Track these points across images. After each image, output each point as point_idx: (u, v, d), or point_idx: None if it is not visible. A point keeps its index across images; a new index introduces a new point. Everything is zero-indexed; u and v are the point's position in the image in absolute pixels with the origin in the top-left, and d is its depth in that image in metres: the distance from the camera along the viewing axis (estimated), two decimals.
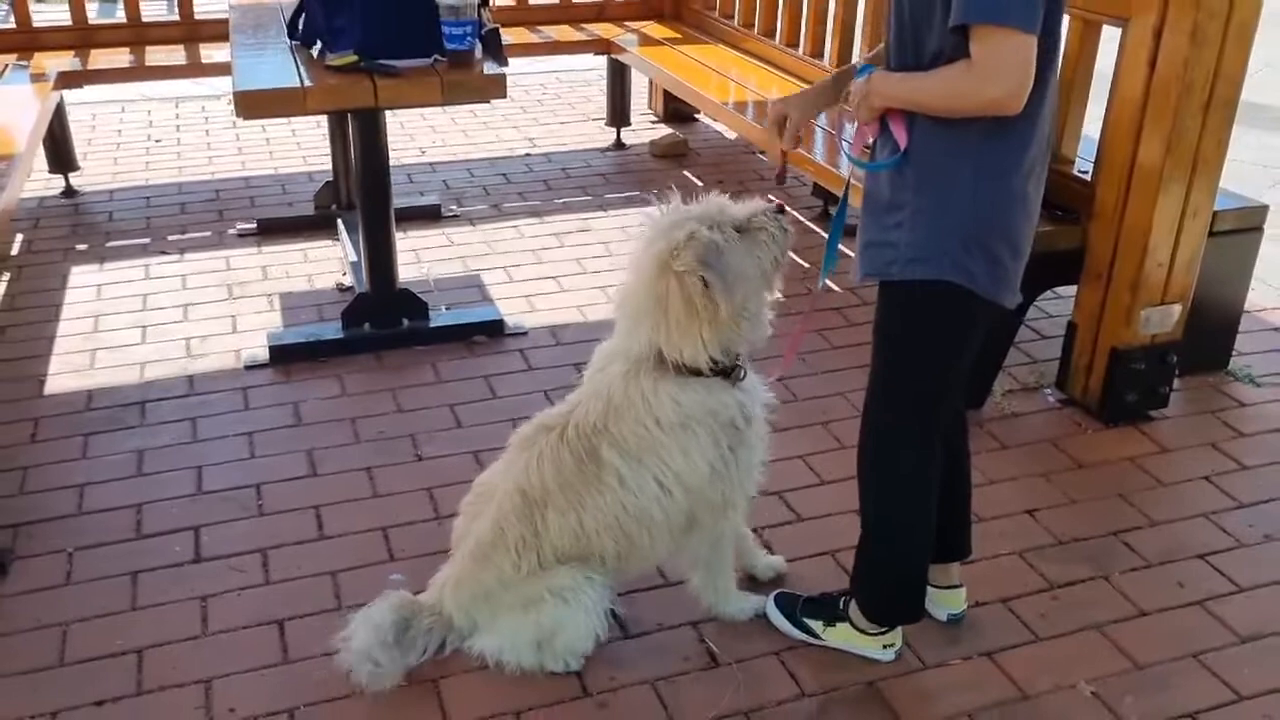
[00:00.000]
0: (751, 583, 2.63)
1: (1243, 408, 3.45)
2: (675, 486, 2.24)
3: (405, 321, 3.73)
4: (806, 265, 4.30)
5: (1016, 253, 2.07)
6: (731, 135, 5.85)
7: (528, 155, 5.62)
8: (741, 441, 2.27)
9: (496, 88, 3.26)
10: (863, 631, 2.40)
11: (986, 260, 2.02)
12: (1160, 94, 2.96)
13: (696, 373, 2.18)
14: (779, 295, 2.28)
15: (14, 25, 5.18)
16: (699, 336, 2.13)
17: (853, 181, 2.31)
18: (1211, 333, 3.55)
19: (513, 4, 5.82)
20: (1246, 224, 3.43)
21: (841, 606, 2.42)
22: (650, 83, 6.23)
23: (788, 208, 2.24)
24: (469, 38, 3.24)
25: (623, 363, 2.23)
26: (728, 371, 2.22)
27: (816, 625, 2.44)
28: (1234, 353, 3.68)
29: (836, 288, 4.09)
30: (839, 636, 2.42)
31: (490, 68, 3.33)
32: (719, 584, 2.48)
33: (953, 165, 1.98)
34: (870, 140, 2.16)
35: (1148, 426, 3.33)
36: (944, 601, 2.51)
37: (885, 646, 2.40)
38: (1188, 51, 2.86)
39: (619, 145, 5.75)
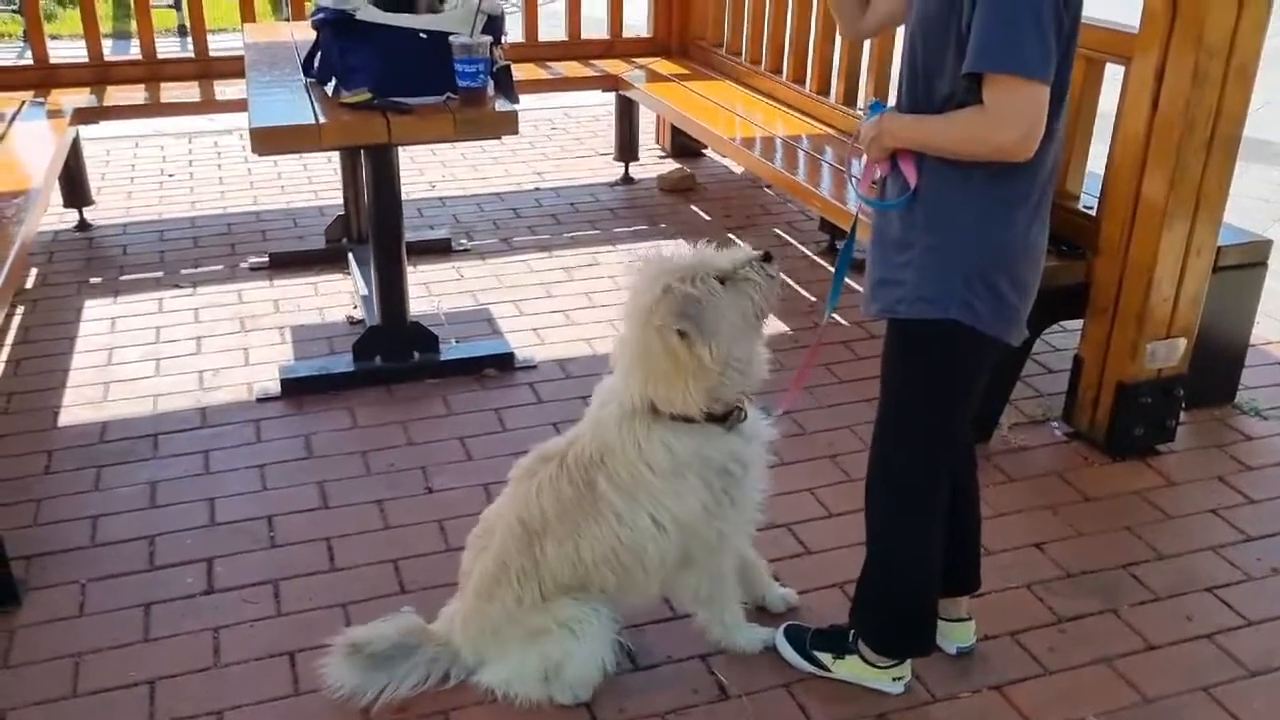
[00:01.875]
0: (763, 615, 2.64)
1: (1249, 441, 3.46)
2: (670, 524, 2.25)
3: (416, 355, 3.76)
4: (813, 299, 4.35)
5: (1022, 292, 2.10)
6: (739, 170, 5.91)
7: (537, 190, 5.68)
8: (736, 484, 2.28)
9: (508, 124, 3.31)
10: (871, 664, 2.40)
11: (993, 299, 2.05)
12: (1163, 132, 2.99)
13: (690, 419, 2.19)
14: (787, 330, 2.29)
15: (31, 62, 5.27)
16: (685, 388, 2.14)
17: (860, 218, 2.34)
18: (1218, 367, 3.57)
19: (523, 41, 5.89)
20: (1251, 259, 3.46)
21: (851, 639, 2.43)
22: (658, 118, 6.30)
23: (774, 255, 2.24)
24: (481, 75, 3.29)
25: (618, 405, 2.25)
26: (723, 417, 2.23)
27: (826, 658, 2.45)
28: (1241, 386, 3.70)
29: (844, 321, 4.12)
30: (848, 669, 2.43)
31: (502, 104, 3.38)
32: (725, 618, 2.48)
33: (960, 206, 2.02)
34: (879, 177, 2.19)
35: (1155, 460, 3.34)
36: (953, 635, 2.52)
37: (895, 679, 2.41)
38: (1189, 91, 2.90)
39: (627, 180, 5.81)
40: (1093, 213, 3.32)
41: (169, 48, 7.38)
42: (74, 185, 5.03)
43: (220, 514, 3.01)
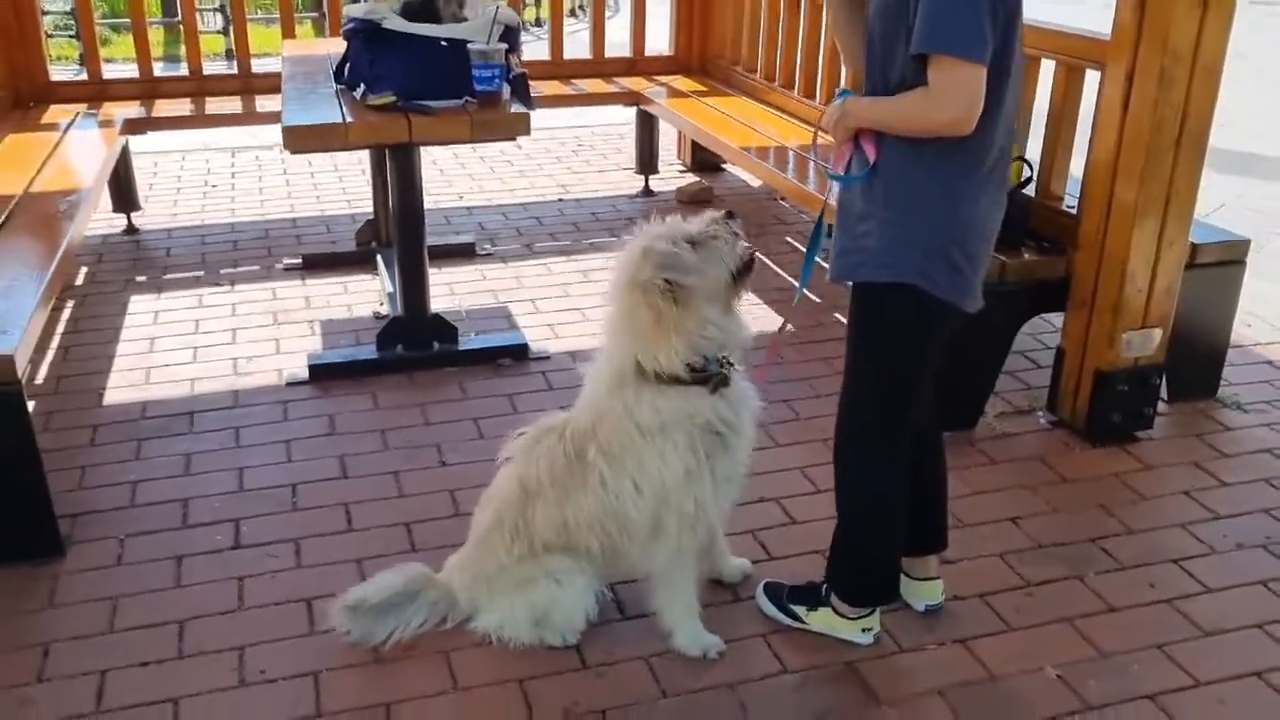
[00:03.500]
0: (720, 587, 2.79)
1: (1228, 431, 3.60)
2: (647, 489, 2.41)
3: (436, 345, 3.99)
4: (819, 300, 4.54)
5: (973, 263, 2.29)
6: (756, 183, 6.12)
7: (560, 201, 5.92)
8: (722, 448, 2.43)
9: (521, 125, 3.55)
10: (843, 616, 2.58)
11: (946, 267, 2.24)
12: (1133, 132, 3.17)
13: (676, 380, 2.37)
14: (792, 328, 2.44)
15: (86, 78, 5.61)
16: (668, 343, 2.31)
17: (829, 202, 2.54)
18: (1200, 361, 3.72)
19: (549, 59, 6.16)
20: (1229, 257, 3.61)
21: (823, 593, 2.61)
22: (679, 134, 6.53)
23: (736, 213, 2.42)
24: (497, 80, 3.54)
25: (608, 377, 2.44)
26: (706, 379, 2.40)
27: (801, 610, 2.63)
28: (1224, 382, 3.84)
29: (842, 319, 4.30)
30: (820, 620, 2.61)
31: (516, 108, 3.62)
32: (678, 604, 2.54)
33: (915, 181, 2.21)
34: (847, 159, 2.39)
35: (1134, 446, 3.49)
36: (921, 593, 2.69)
37: (864, 630, 2.58)
38: (1156, 92, 3.08)
39: (647, 192, 6.04)
40: (1074, 211, 3.49)
41: (215, 69, 7.73)
42: (123, 192, 5.34)
43: (248, 481, 3.25)
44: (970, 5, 2.01)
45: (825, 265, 2.48)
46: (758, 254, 2.47)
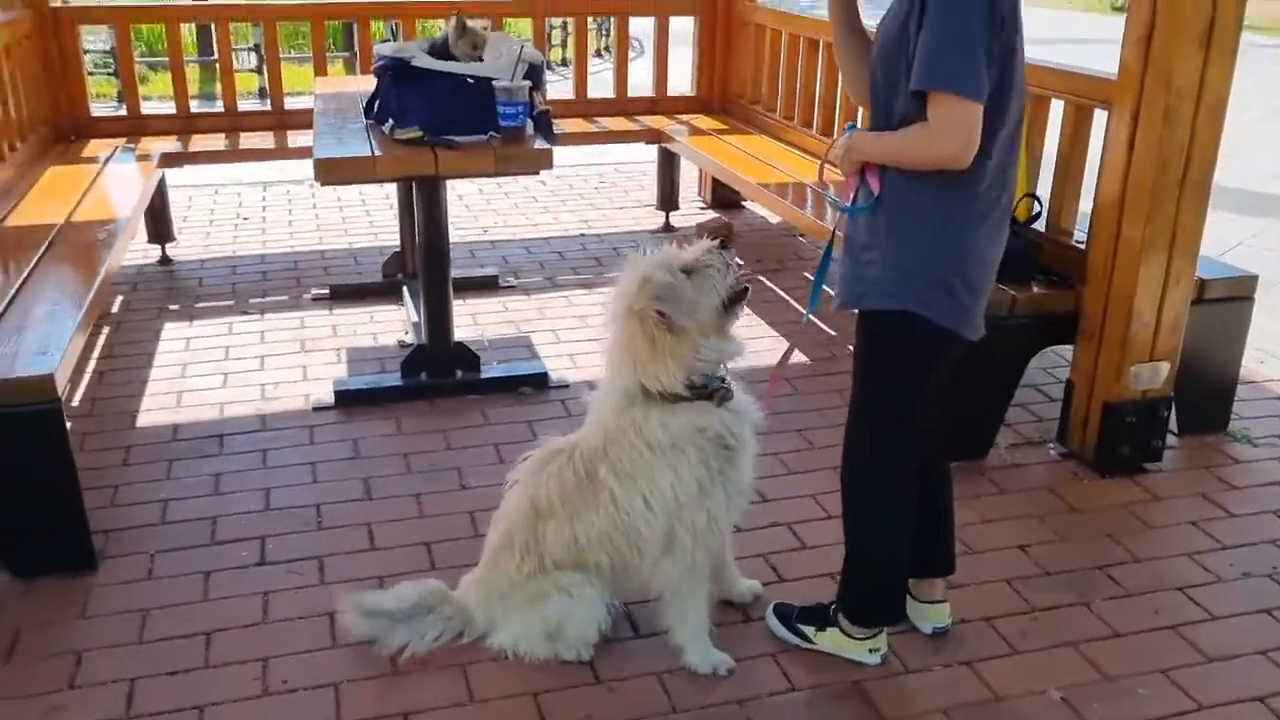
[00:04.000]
0: (731, 607, 2.85)
1: (1237, 464, 3.65)
2: (659, 504, 2.49)
3: (459, 372, 4.10)
4: (834, 334, 4.62)
5: (973, 293, 2.36)
6: (774, 220, 6.22)
7: (582, 236, 6.04)
8: (730, 462, 2.52)
9: (544, 160, 3.67)
10: (850, 637, 2.64)
11: (946, 295, 2.32)
12: (1139, 170, 3.25)
13: (680, 398, 2.46)
14: (807, 360, 2.50)
15: (125, 113, 5.79)
16: (665, 366, 2.41)
17: (837, 233, 2.63)
18: (1210, 395, 3.77)
19: (573, 98, 6.31)
20: (1237, 292, 3.68)
21: (832, 613, 2.68)
22: (700, 172, 6.66)
23: (729, 243, 2.52)
24: (521, 116, 3.66)
25: (613, 399, 2.53)
26: (709, 394, 2.49)
27: (809, 630, 2.69)
28: (1235, 416, 3.89)
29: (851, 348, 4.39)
30: (828, 641, 2.67)
31: (539, 143, 3.74)
32: (689, 621, 2.60)
33: (915, 211, 2.30)
34: (854, 192, 2.49)
35: (1142, 478, 3.54)
36: (929, 615, 2.75)
37: (871, 650, 2.64)
38: (1161, 131, 3.16)
39: (668, 228, 6.16)
40: (1083, 246, 3.57)
41: (248, 106, 7.93)
42: (158, 224, 5.50)
43: (274, 501, 3.35)
44: (967, 45, 2.10)
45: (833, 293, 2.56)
46: (773, 286, 2.56)
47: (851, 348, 2.53)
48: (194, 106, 5.97)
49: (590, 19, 7.20)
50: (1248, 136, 9.65)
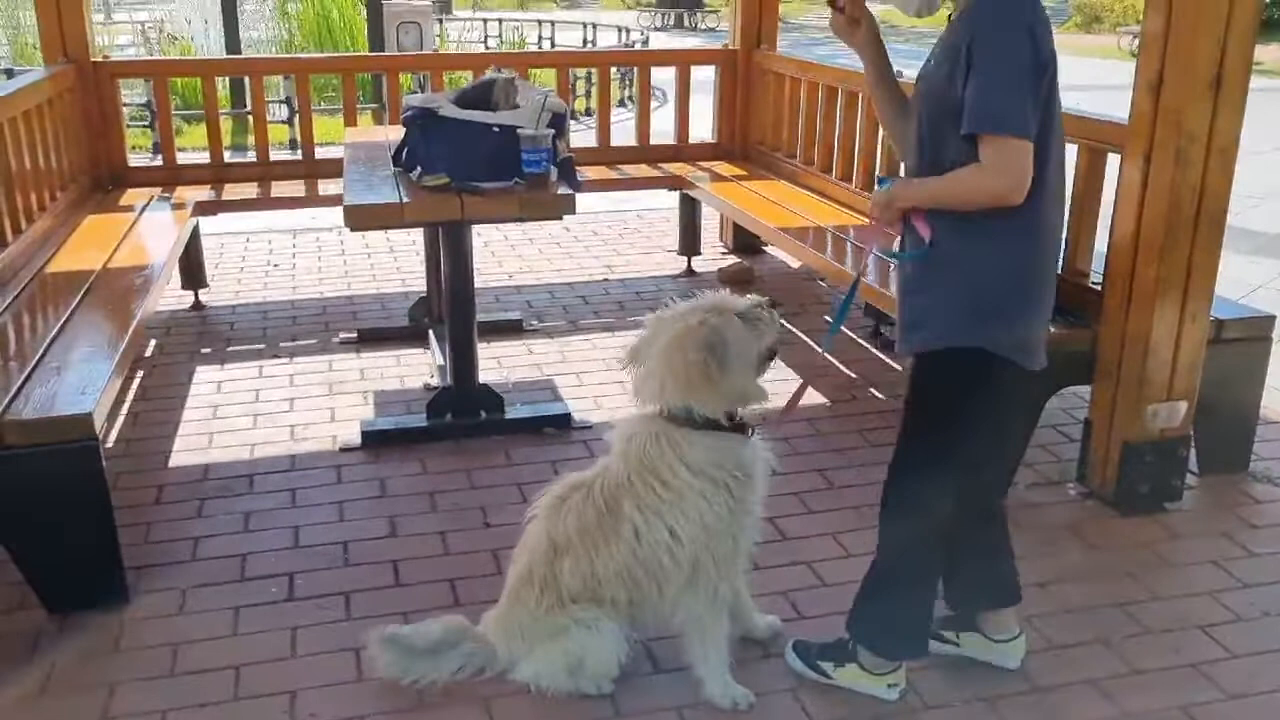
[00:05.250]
0: (751, 643, 2.88)
1: (1258, 504, 3.65)
2: (686, 533, 2.54)
3: (483, 414, 4.17)
4: (854, 376, 4.67)
5: (1030, 324, 2.44)
6: (796, 264, 6.29)
7: (605, 280, 6.13)
8: (751, 491, 2.59)
9: (567, 205, 3.76)
10: (869, 672, 2.67)
11: (1006, 329, 2.39)
12: (1152, 212, 3.30)
13: (715, 426, 2.54)
14: (826, 402, 2.58)
15: (161, 163, 5.96)
16: (710, 397, 2.50)
17: (861, 279, 2.71)
18: (1229, 435, 3.79)
19: (596, 145, 6.43)
20: (1254, 333, 3.70)
21: (850, 649, 2.70)
22: (720, 216, 6.75)
23: (780, 304, 2.65)
24: (544, 163, 3.76)
25: (645, 427, 2.59)
26: (744, 427, 2.58)
27: (828, 666, 2.72)
28: (1255, 456, 3.90)
29: (879, 394, 4.44)
30: (848, 677, 2.70)
31: (563, 190, 3.83)
32: (711, 656, 2.64)
33: (969, 248, 2.37)
34: (898, 239, 2.55)
35: (1163, 517, 3.55)
36: (1013, 651, 2.78)
37: (889, 686, 2.66)
38: (1173, 172, 3.22)
39: (690, 272, 6.24)
40: (1099, 287, 3.61)
41: (280, 157, 8.11)
42: (192, 270, 5.63)
43: (303, 539, 3.41)
44: (1017, 88, 2.20)
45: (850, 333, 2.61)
46: (793, 328, 2.65)
47: (874, 391, 2.58)
48: (227, 157, 6.13)
49: (613, 69, 7.33)
50: (1275, 180, 9.68)
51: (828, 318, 5.48)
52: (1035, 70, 2.22)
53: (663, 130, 6.73)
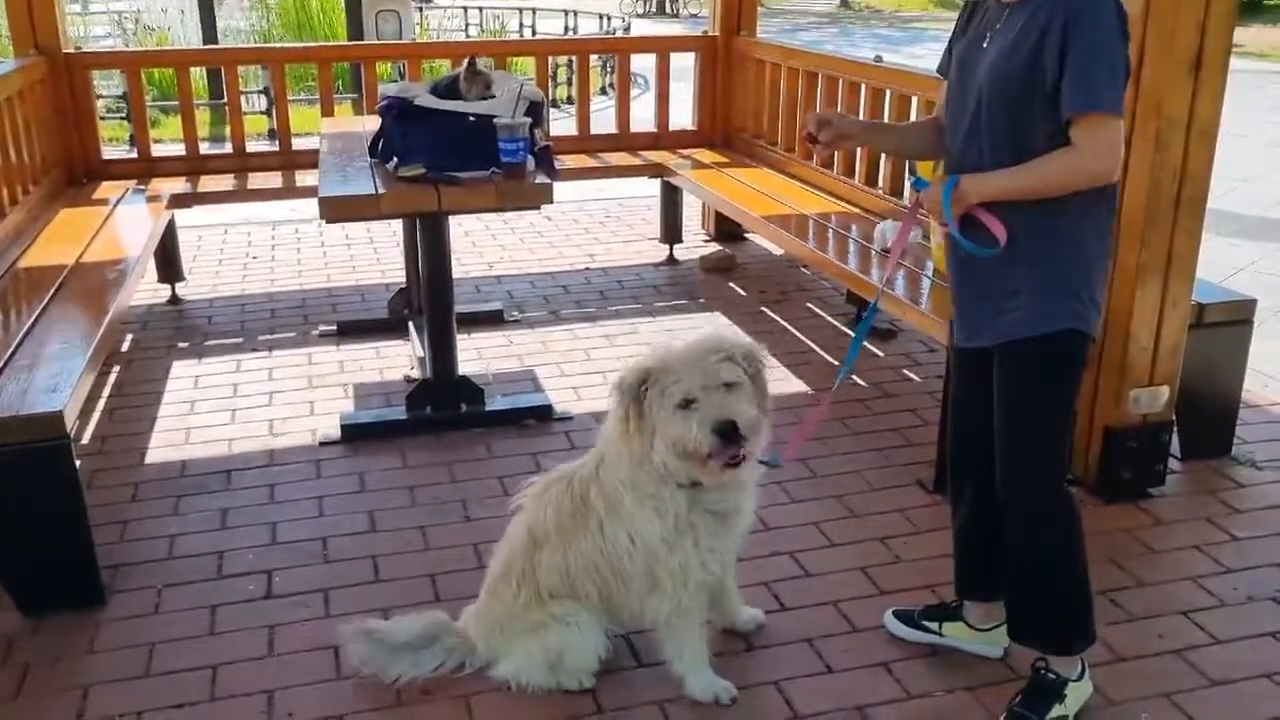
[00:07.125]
0: (733, 636, 2.87)
1: (1241, 488, 3.65)
2: (640, 541, 2.51)
3: (463, 406, 4.13)
4: (834, 363, 4.65)
5: (1103, 297, 2.44)
6: (778, 252, 6.26)
7: (586, 269, 6.09)
8: (723, 524, 2.52)
9: (544, 195, 3.72)
10: (974, 628, 2.76)
11: (1092, 306, 2.39)
12: (1133, 195, 3.28)
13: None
14: (806, 389, 2.55)
15: (136, 155, 5.89)
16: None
17: (879, 300, 2.72)
18: (1212, 419, 3.79)
19: (576, 134, 6.39)
20: (1236, 317, 3.70)
21: (952, 607, 2.79)
22: (703, 206, 6.71)
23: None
24: (522, 152, 3.71)
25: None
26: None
27: (934, 625, 2.80)
28: (1239, 440, 3.89)
29: (862, 382, 4.42)
30: (954, 632, 2.78)
31: (540, 179, 3.79)
32: (686, 653, 2.61)
33: (1058, 237, 2.33)
34: (954, 234, 2.45)
35: (1147, 503, 3.54)
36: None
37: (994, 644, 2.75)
38: (1152, 155, 3.21)
39: (671, 261, 6.20)
40: None
41: (257, 148, 8.03)
42: (168, 263, 5.57)
43: (281, 535, 3.37)
44: (1112, 67, 2.18)
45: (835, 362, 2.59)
46: (775, 316, 2.61)
47: (855, 378, 2.55)
48: (207, 148, 6.07)
49: (594, 57, 7.28)
50: (1257, 163, 9.71)
51: (810, 304, 5.46)
52: (1126, 46, 2.22)
53: (643, 118, 6.69)
